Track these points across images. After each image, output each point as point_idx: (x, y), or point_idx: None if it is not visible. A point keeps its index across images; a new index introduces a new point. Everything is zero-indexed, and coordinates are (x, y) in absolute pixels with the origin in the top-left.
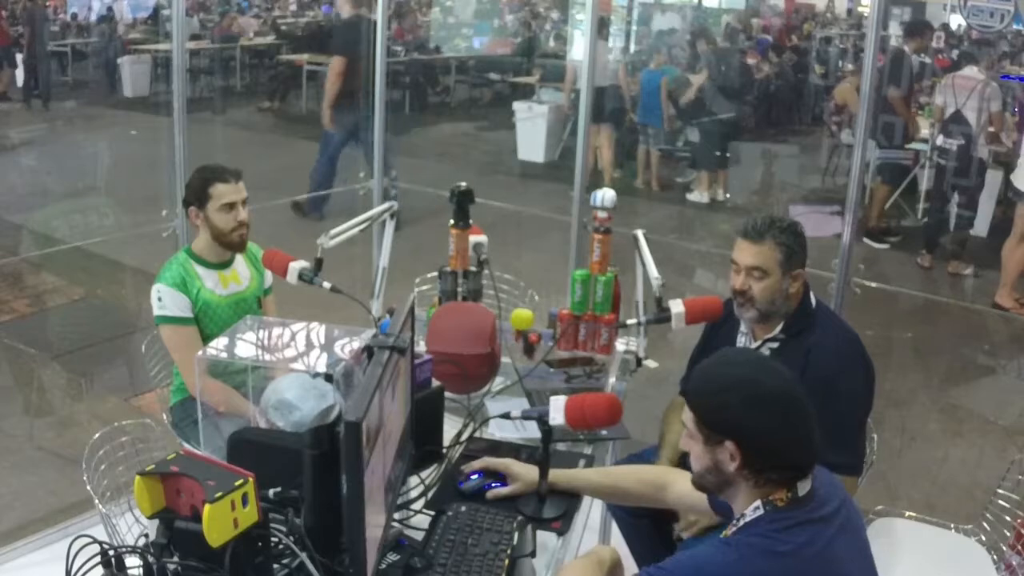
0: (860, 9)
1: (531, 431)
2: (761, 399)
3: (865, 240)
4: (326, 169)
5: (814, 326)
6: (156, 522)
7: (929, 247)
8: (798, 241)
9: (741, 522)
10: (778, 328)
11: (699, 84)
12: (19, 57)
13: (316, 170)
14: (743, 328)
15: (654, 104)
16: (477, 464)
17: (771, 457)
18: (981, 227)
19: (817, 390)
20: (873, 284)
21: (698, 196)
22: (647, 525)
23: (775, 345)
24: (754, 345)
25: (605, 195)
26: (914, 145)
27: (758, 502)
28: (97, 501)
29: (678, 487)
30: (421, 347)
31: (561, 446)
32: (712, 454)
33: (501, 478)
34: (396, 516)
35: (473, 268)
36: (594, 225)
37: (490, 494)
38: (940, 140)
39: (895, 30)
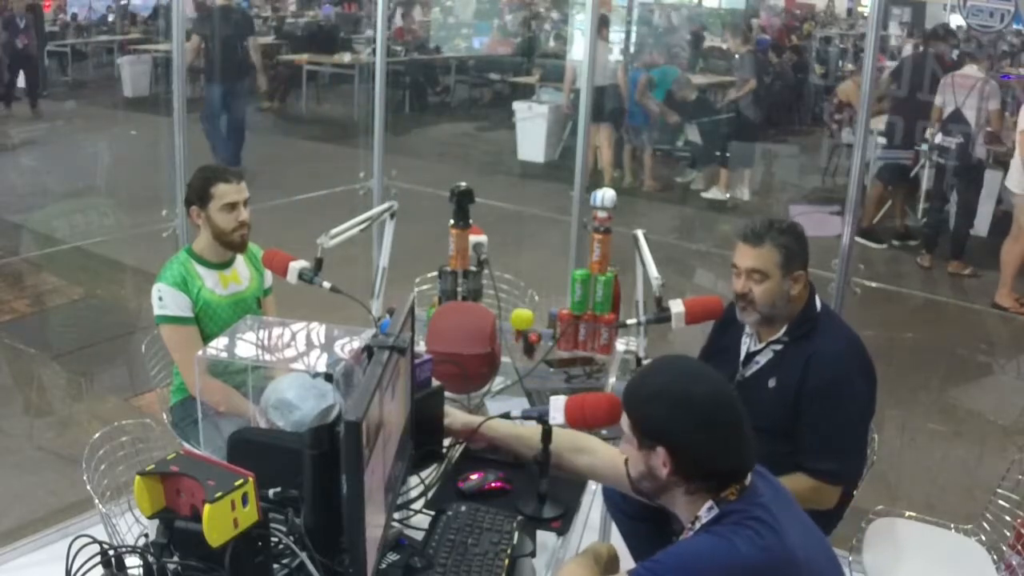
0: (860, 9)
1: None
2: (689, 406)
3: (859, 239)
4: (207, 126)
5: (817, 331)
6: (156, 522)
7: (929, 247)
8: (798, 243)
9: (698, 524)
10: (782, 330)
11: (748, 89)
12: None
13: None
14: (748, 330)
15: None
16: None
17: (701, 464)
18: (981, 227)
19: (816, 397)
20: (873, 284)
21: (715, 194)
22: (647, 527)
23: (778, 347)
24: (759, 347)
25: (605, 195)
26: None
27: (710, 502)
28: (97, 501)
29: (598, 457)
30: (421, 347)
31: None
32: (646, 459)
33: (501, 477)
34: (396, 516)
35: (473, 268)
36: (594, 225)
37: None
38: (939, 139)
39: (895, 30)
